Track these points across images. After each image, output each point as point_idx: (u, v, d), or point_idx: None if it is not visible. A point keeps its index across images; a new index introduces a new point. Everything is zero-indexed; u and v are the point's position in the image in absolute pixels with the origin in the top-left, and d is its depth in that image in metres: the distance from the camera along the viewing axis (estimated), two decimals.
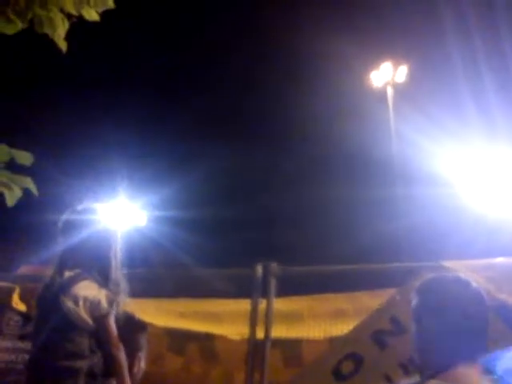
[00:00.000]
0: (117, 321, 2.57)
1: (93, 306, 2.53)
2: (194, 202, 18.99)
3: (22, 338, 6.38)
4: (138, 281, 3.39)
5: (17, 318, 6.28)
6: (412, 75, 18.42)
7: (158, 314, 3.71)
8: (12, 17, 3.47)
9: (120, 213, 15.60)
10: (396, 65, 18.29)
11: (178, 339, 3.76)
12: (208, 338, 3.74)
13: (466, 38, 16.31)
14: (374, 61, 18.81)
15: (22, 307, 3.80)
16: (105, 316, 2.54)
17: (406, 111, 17.52)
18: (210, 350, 3.75)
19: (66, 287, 2.55)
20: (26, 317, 4.49)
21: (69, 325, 2.48)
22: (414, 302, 1.86)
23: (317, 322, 3.69)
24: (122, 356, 2.52)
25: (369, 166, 17.94)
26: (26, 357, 6.24)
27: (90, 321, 2.51)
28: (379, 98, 18.58)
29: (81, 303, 2.50)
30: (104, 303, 2.56)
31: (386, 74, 18.35)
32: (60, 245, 2.78)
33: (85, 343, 2.50)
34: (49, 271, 2.83)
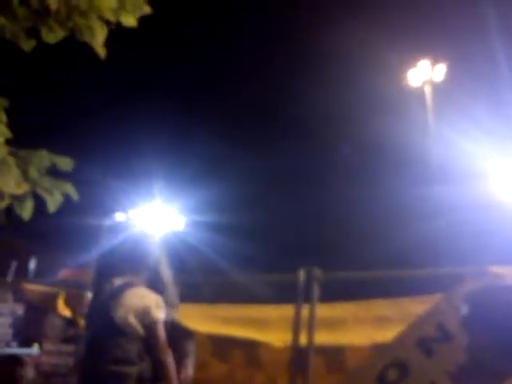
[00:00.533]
0: (165, 327, 2.59)
1: (143, 314, 2.56)
2: (233, 206, 19.08)
3: (65, 341, 6.52)
4: (181, 286, 3.39)
5: (59, 321, 6.42)
6: (450, 73, 18.05)
7: (200, 320, 3.69)
8: (54, 26, 3.53)
9: (158, 217, 15.82)
10: (434, 63, 18.02)
11: (222, 345, 3.73)
12: (251, 344, 3.70)
13: (505, 35, 15.92)
14: (411, 59, 18.55)
15: (67, 313, 3.85)
16: (154, 323, 2.58)
17: (444, 110, 17.23)
18: (254, 356, 3.70)
19: (116, 295, 2.60)
20: (68, 320, 4.55)
21: (119, 332, 2.52)
22: (464, 312, 1.81)
23: (361, 328, 3.60)
24: (170, 362, 2.55)
25: (406, 165, 17.67)
26: (70, 360, 6.40)
27: (139, 328, 2.55)
28: (417, 96, 18.31)
29: (131, 311, 2.55)
30: (154, 310, 2.59)
31: (424, 73, 18.04)
32: (102, 250, 2.82)
33: (134, 349, 2.53)
34: (89, 276, 2.87)
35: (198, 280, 3.83)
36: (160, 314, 2.61)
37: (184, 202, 18.31)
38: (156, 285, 2.75)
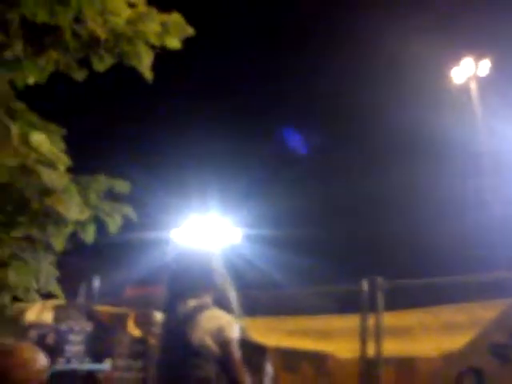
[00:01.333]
0: (239, 345, 2.62)
1: (217, 334, 2.59)
2: (290, 219, 19.08)
3: (133, 357, 6.74)
4: (244, 301, 3.40)
5: (127, 338, 6.63)
6: (495, 67, 17.60)
7: (267, 333, 3.68)
8: (103, 55, 3.64)
9: (215, 231, 15.95)
10: (478, 59, 17.74)
11: (291, 358, 3.70)
12: (319, 355, 3.65)
13: None
14: (455, 56, 18.25)
15: (137, 333, 3.95)
16: (229, 342, 2.60)
17: (491, 104, 16.79)
18: (323, 367, 3.64)
19: (191, 317, 2.62)
20: (135, 337, 4.68)
21: (196, 353, 2.54)
22: None
23: (429, 336, 3.47)
24: (246, 380, 2.55)
25: (457, 160, 17.24)
26: (139, 374, 6.57)
27: (215, 348, 2.57)
28: (463, 93, 18.01)
29: (207, 332, 2.57)
30: (227, 330, 2.61)
31: (468, 69, 17.92)
32: (171, 269, 2.86)
33: (212, 370, 2.55)
34: (154, 293, 2.93)
35: (261, 294, 3.82)
36: (234, 334, 2.63)
37: (240, 215, 18.42)
38: (222, 302, 2.77)
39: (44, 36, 3.53)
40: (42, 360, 2.33)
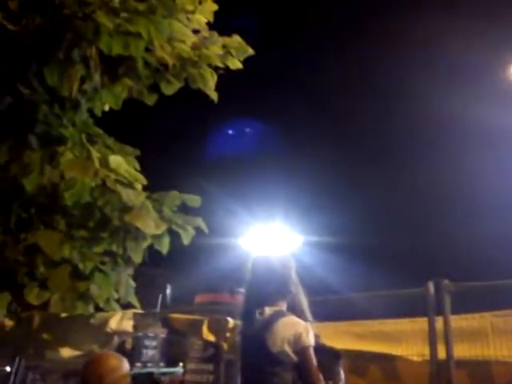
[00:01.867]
0: (315, 351, 2.66)
1: (294, 341, 2.62)
2: (350, 227, 19.00)
3: (204, 360, 6.99)
4: (314, 306, 3.50)
5: (199, 342, 6.89)
6: None
7: (336, 338, 3.76)
8: (171, 79, 3.92)
9: (278, 238, 16.10)
10: None
11: (360, 361, 3.76)
12: (388, 359, 3.68)
13: None
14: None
15: (211, 338, 4.16)
16: (306, 348, 2.63)
17: None
18: (392, 371, 3.68)
19: (269, 325, 2.67)
20: (207, 342, 4.86)
21: (275, 361, 2.61)
22: None
23: (503, 339, 3.41)
24: None
25: None
26: (210, 377, 6.82)
27: (293, 355, 2.61)
28: None
29: (285, 340, 2.62)
30: (304, 336, 2.64)
31: None
32: (249, 278, 2.93)
33: (289, 377, 2.61)
34: (224, 300, 3.08)
35: (328, 299, 3.93)
36: (310, 340, 2.65)
37: (302, 222, 18.49)
38: (295, 309, 2.83)
39: (118, 66, 3.85)
40: (126, 366, 2.58)
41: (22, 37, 3.91)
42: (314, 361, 2.63)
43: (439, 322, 3.44)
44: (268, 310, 2.76)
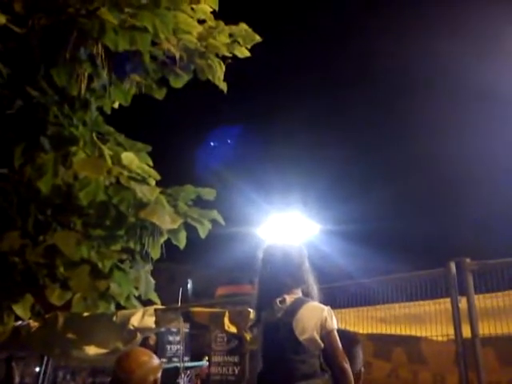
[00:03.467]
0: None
1: (320, 326, 2.62)
2: (367, 214, 18.90)
3: (228, 353, 7.04)
4: (334, 292, 3.49)
5: (221, 335, 6.94)
6: None
7: (359, 322, 3.75)
8: (179, 72, 3.90)
9: (296, 226, 16.07)
10: None
11: (383, 345, 3.74)
12: (413, 341, 3.66)
13: None
14: None
15: (233, 329, 4.16)
16: (331, 332, 2.63)
17: None
18: (417, 352, 3.66)
19: (293, 312, 2.67)
20: (231, 335, 4.87)
21: (303, 348, 2.60)
22: None
23: None
24: (349, 369, 2.56)
25: None
26: (235, 369, 6.85)
27: (319, 341, 2.61)
28: None
29: (311, 326, 2.61)
30: (329, 320, 2.64)
31: None
32: (263, 267, 2.92)
33: (317, 363, 2.60)
34: (245, 291, 3.06)
35: (347, 284, 3.90)
36: (334, 323, 2.65)
37: (319, 210, 18.41)
38: (308, 296, 2.81)
39: (126, 62, 3.85)
40: (155, 360, 2.60)
41: (29, 39, 3.92)
42: (340, 344, 2.61)
43: (462, 302, 3.40)
44: (289, 298, 2.74)
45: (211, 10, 3.98)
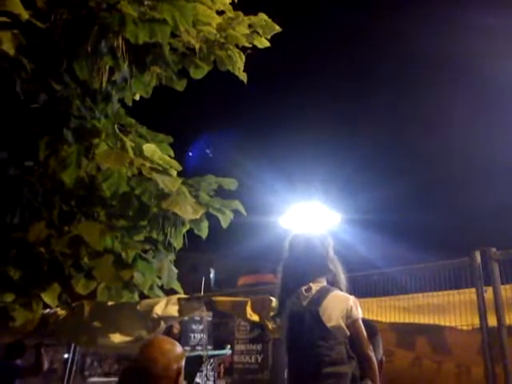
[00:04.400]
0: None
1: (346, 315, 2.66)
2: (389, 204, 18.75)
3: (251, 341, 7.09)
4: (357, 281, 3.48)
5: (244, 323, 6.99)
6: None
7: (381, 312, 3.74)
8: (199, 63, 3.90)
9: (317, 216, 16.04)
10: None
11: (407, 334, 3.72)
12: (436, 330, 3.63)
13: None
14: None
15: (255, 318, 4.19)
16: (357, 321, 2.67)
17: None
18: (441, 342, 3.63)
19: (319, 301, 2.71)
20: (253, 323, 4.90)
21: (330, 335, 2.64)
22: None
23: None
24: (374, 357, 2.61)
25: None
26: (258, 357, 6.90)
27: (345, 329, 2.65)
28: None
29: (338, 314, 2.65)
30: (355, 309, 2.68)
31: None
32: (287, 256, 2.94)
33: (344, 350, 2.64)
34: (268, 281, 3.08)
35: (370, 274, 3.89)
36: (359, 313, 2.70)
37: (341, 199, 18.33)
38: (334, 285, 2.82)
39: (146, 54, 3.86)
40: (178, 348, 2.64)
41: (52, 34, 3.97)
42: (365, 333, 2.66)
43: (488, 292, 3.36)
44: (314, 287, 2.78)
45: (230, 0, 3.97)
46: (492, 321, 3.32)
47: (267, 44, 4.01)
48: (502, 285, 3.38)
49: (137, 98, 4.45)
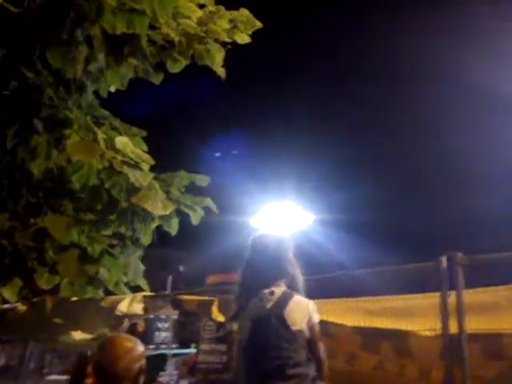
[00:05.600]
0: None
1: (307, 319, 2.76)
2: (360, 204, 18.96)
3: (217, 341, 7.03)
4: (323, 283, 3.50)
5: (210, 323, 6.92)
6: None
7: (346, 314, 3.76)
8: (177, 57, 3.86)
9: (287, 215, 16.06)
10: None
11: (371, 337, 3.75)
12: (400, 334, 3.67)
13: None
14: None
15: (221, 318, 4.16)
16: (316, 325, 2.78)
17: None
18: (404, 346, 3.67)
19: (284, 305, 2.77)
20: (218, 323, 4.88)
21: (295, 339, 2.70)
22: None
23: None
24: (326, 359, 2.75)
25: None
26: (223, 357, 6.84)
27: (307, 332, 2.73)
28: None
29: (301, 318, 2.74)
30: (314, 314, 2.78)
31: None
32: (247, 258, 2.95)
33: (304, 353, 2.73)
34: (236, 281, 3.04)
35: (336, 275, 3.91)
36: (318, 317, 2.79)
37: (314, 199, 18.43)
38: (292, 289, 2.87)
39: (123, 45, 3.80)
40: (140, 347, 2.58)
41: (25, 18, 3.87)
42: (320, 335, 2.78)
43: (452, 297, 3.41)
44: (277, 290, 2.82)
45: None
46: (455, 326, 3.37)
47: (248, 40, 4.00)
48: (468, 289, 3.44)
49: (112, 89, 4.38)
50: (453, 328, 3.38)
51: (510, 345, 3.22)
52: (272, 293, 2.81)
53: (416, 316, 3.52)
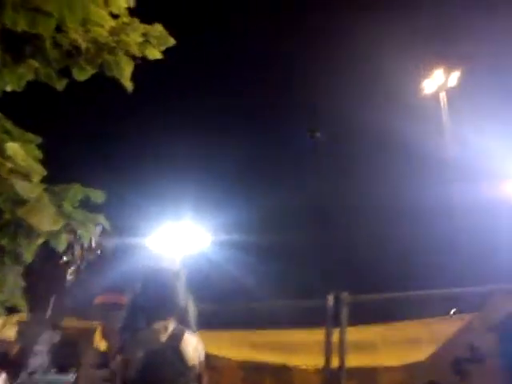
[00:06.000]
0: None
1: (198, 355, 2.92)
2: (260, 226, 19.19)
3: (98, 366, 6.65)
4: (208, 313, 3.48)
5: (93, 349, 6.55)
6: (465, 79, 18.62)
7: (231, 347, 3.74)
8: (84, 65, 3.68)
9: (185, 236, 15.81)
10: (448, 71, 18.93)
11: (253, 372, 3.74)
12: (283, 369, 3.70)
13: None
14: (427, 68, 19.25)
15: (102, 346, 3.93)
16: (203, 362, 2.93)
17: (460, 113, 17.62)
18: (286, 381, 3.69)
19: (179, 340, 2.85)
20: (100, 350, 4.67)
21: (188, 373, 2.81)
22: (502, 334, 1.82)
23: (391, 350, 3.59)
24: None
25: (425, 167, 17.87)
26: None
27: (197, 368, 2.89)
28: (434, 103, 18.90)
29: (194, 354, 2.87)
30: (202, 351, 2.94)
31: (439, 80, 19.15)
32: (135, 288, 2.94)
33: None
34: (124, 311, 2.97)
35: (226, 306, 3.87)
36: (203, 354, 2.95)
37: (212, 220, 18.36)
38: (183, 320, 2.93)
39: (24, 45, 3.55)
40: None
41: None
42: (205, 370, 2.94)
43: (336, 334, 3.51)
44: (169, 325, 2.89)
45: (126, 6, 3.83)
46: (336, 362, 3.46)
47: (159, 56, 3.92)
48: (352, 326, 3.57)
49: (8, 89, 4.06)
50: (334, 363, 3.47)
51: (383, 379, 3.36)
52: (165, 327, 2.86)
53: (301, 350, 3.56)
